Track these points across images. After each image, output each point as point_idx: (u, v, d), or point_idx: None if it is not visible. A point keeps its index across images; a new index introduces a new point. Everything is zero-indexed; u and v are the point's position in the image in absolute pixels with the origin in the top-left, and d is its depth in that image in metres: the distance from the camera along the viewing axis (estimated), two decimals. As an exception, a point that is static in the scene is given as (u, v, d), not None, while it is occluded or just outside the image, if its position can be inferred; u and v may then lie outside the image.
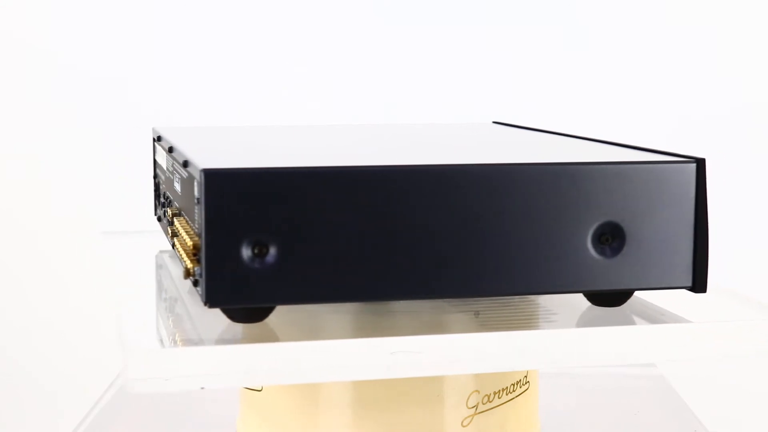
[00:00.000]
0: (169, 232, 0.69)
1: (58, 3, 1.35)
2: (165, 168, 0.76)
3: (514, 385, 0.72)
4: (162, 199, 0.79)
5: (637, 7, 1.32)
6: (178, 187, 0.69)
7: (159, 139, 0.80)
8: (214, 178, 0.58)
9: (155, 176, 0.84)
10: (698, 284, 0.65)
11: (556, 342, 0.62)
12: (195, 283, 0.61)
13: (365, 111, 1.35)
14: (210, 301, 0.59)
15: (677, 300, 0.68)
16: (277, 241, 0.59)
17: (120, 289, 0.76)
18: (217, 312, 0.62)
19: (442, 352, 0.61)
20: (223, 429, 0.84)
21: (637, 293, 0.67)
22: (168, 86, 1.35)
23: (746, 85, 1.32)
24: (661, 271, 0.63)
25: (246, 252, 0.59)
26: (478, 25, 1.34)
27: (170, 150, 0.73)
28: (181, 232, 0.64)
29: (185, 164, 0.65)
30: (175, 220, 0.67)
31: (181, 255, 0.63)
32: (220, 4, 1.35)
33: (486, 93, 1.34)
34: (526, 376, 0.73)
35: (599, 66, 1.33)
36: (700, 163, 0.65)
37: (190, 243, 0.61)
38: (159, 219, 0.82)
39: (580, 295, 0.67)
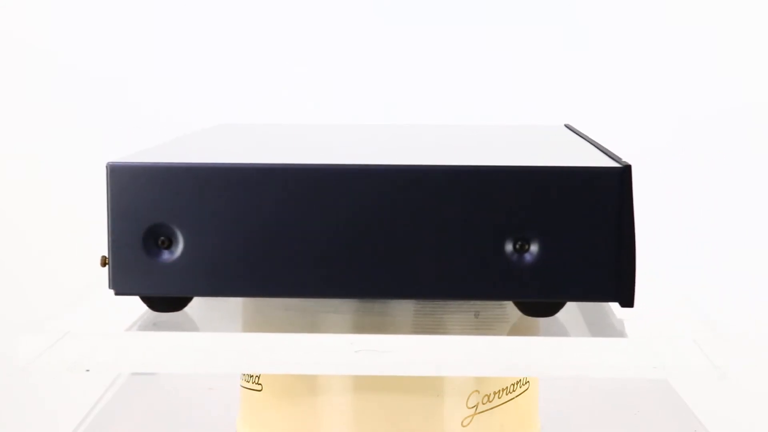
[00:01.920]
0: None
1: (58, 3, 1.35)
2: None
3: (514, 385, 0.72)
4: None
5: (637, 7, 1.32)
6: None
7: None
8: (117, 171, 0.61)
9: None
10: (624, 298, 0.60)
11: (506, 349, 0.61)
12: None
13: (365, 111, 1.34)
14: (116, 288, 0.62)
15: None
16: (181, 233, 0.61)
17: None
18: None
19: (410, 353, 0.61)
20: (223, 429, 0.84)
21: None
22: (168, 86, 1.35)
23: (746, 85, 1.32)
24: (582, 283, 0.60)
25: (150, 243, 0.61)
26: (478, 25, 1.34)
27: None
28: None
29: None
30: None
31: None
32: (221, 4, 1.35)
33: (486, 93, 1.34)
34: (525, 376, 0.73)
35: (599, 66, 1.33)
36: (625, 170, 0.60)
37: None
38: None
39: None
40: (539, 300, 0.62)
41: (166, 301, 0.65)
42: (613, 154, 0.64)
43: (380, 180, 0.60)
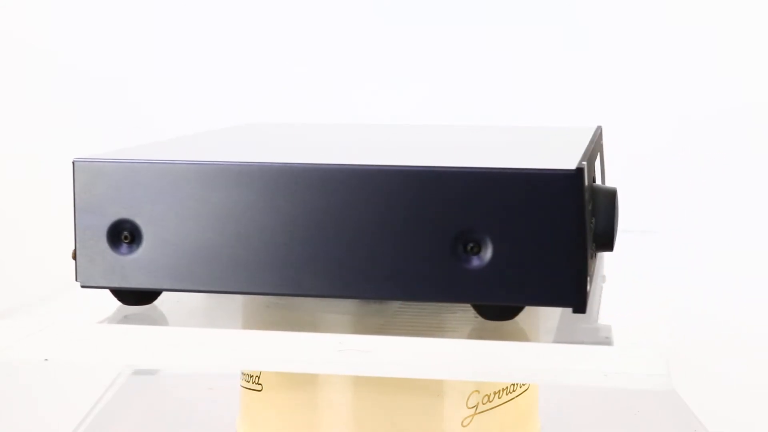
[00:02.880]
0: None
1: (58, 3, 1.35)
2: None
3: (514, 384, 0.72)
4: None
5: (637, 7, 1.32)
6: None
7: None
8: (81, 167, 0.64)
9: None
10: (577, 304, 0.60)
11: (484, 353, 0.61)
12: None
13: (365, 111, 1.35)
14: (82, 280, 0.65)
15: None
16: (144, 228, 0.63)
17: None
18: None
19: (391, 353, 0.61)
20: (223, 429, 0.84)
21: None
22: (168, 86, 1.35)
23: (746, 85, 1.32)
24: (533, 287, 0.59)
25: (114, 238, 0.64)
26: (478, 25, 1.34)
27: None
28: None
29: None
30: None
31: None
32: (221, 4, 1.35)
33: (486, 93, 1.34)
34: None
35: (599, 66, 1.33)
36: (576, 174, 0.59)
37: None
38: None
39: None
40: (488, 303, 0.61)
41: (134, 294, 0.67)
42: (584, 157, 0.63)
43: (334, 179, 0.61)
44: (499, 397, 0.71)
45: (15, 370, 1.39)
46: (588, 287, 0.60)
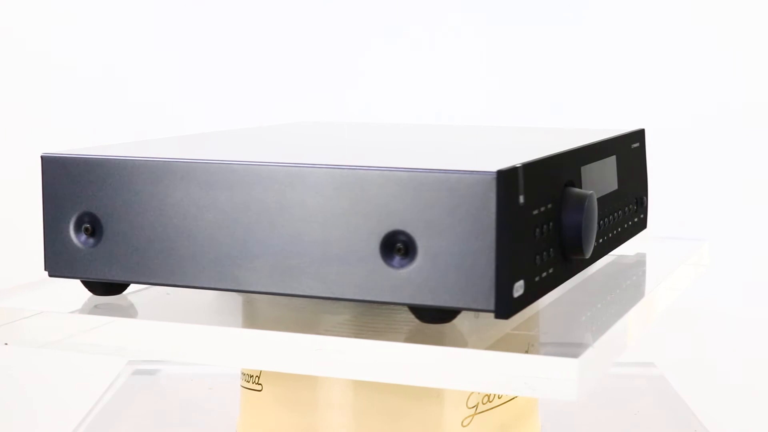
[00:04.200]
0: None
1: (58, 3, 1.35)
2: None
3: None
4: None
5: (637, 7, 1.32)
6: None
7: None
8: (48, 162, 0.67)
9: None
10: (500, 309, 0.58)
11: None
12: None
13: (366, 111, 1.35)
14: (49, 271, 0.67)
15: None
16: (105, 221, 0.65)
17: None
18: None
19: (369, 355, 0.61)
20: (223, 429, 0.84)
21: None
22: (168, 86, 1.35)
23: (746, 85, 1.32)
24: (457, 290, 0.58)
25: (78, 230, 0.66)
26: (477, 25, 1.34)
27: None
28: None
29: None
30: None
31: None
32: (221, 4, 1.35)
33: (486, 93, 1.34)
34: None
35: (599, 66, 1.33)
36: (502, 175, 0.58)
37: None
38: None
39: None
40: (413, 304, 0.60)
41: (101, 285, 0.68)
42: (534, 160, 0.62)
43: (268, 178, 0.62)
44: (498, 397, 0.72)
45: (15, 370, 1.39)
46: (516, 293, 0.59)
